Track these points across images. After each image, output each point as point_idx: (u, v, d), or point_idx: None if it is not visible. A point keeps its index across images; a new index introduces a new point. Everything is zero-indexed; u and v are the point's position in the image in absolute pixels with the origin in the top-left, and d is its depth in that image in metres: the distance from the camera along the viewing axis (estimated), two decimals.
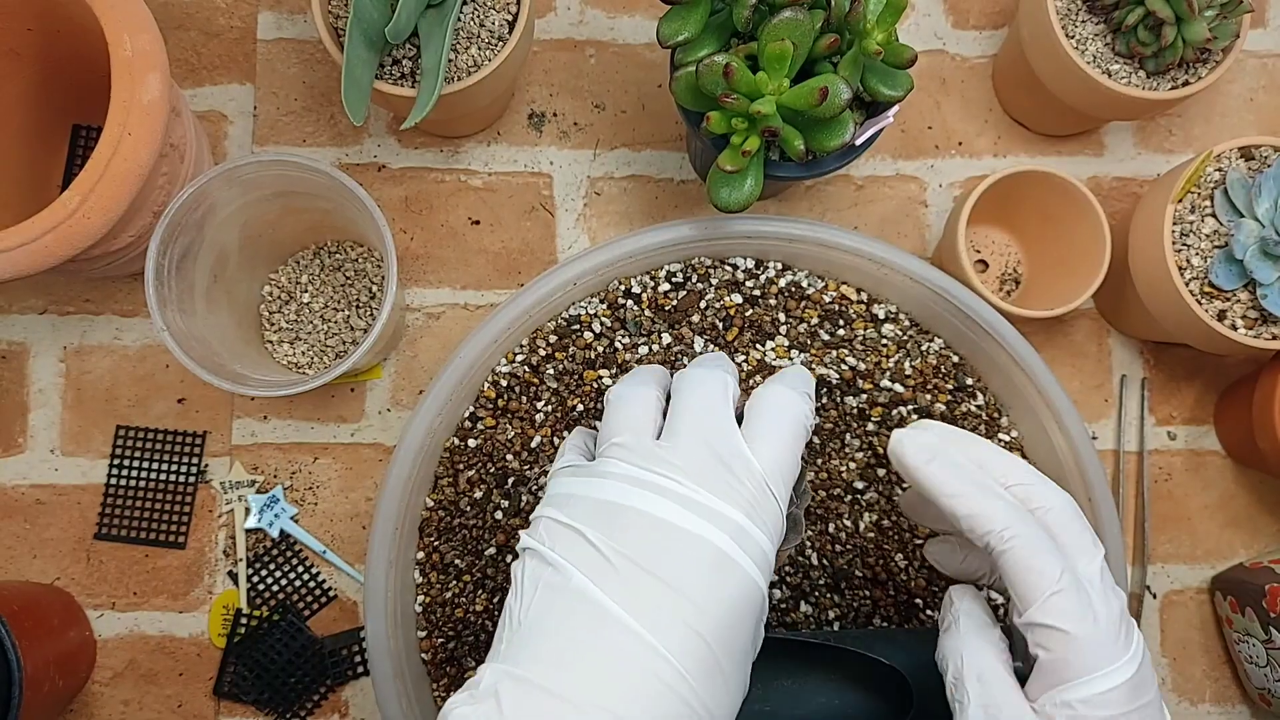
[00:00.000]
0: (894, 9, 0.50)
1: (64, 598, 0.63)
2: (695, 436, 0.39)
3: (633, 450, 0.38)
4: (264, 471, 0.65)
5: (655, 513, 0.36)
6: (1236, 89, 0.70)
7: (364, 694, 0.63)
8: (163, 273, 0.54)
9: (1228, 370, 0.68)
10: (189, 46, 0.69)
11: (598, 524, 0.36)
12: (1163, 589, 0.66)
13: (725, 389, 0.41)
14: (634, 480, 0.37)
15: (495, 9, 0.58)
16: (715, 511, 0.36)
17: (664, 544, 0.36)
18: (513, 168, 0.68)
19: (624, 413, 0.40)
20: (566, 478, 0.39)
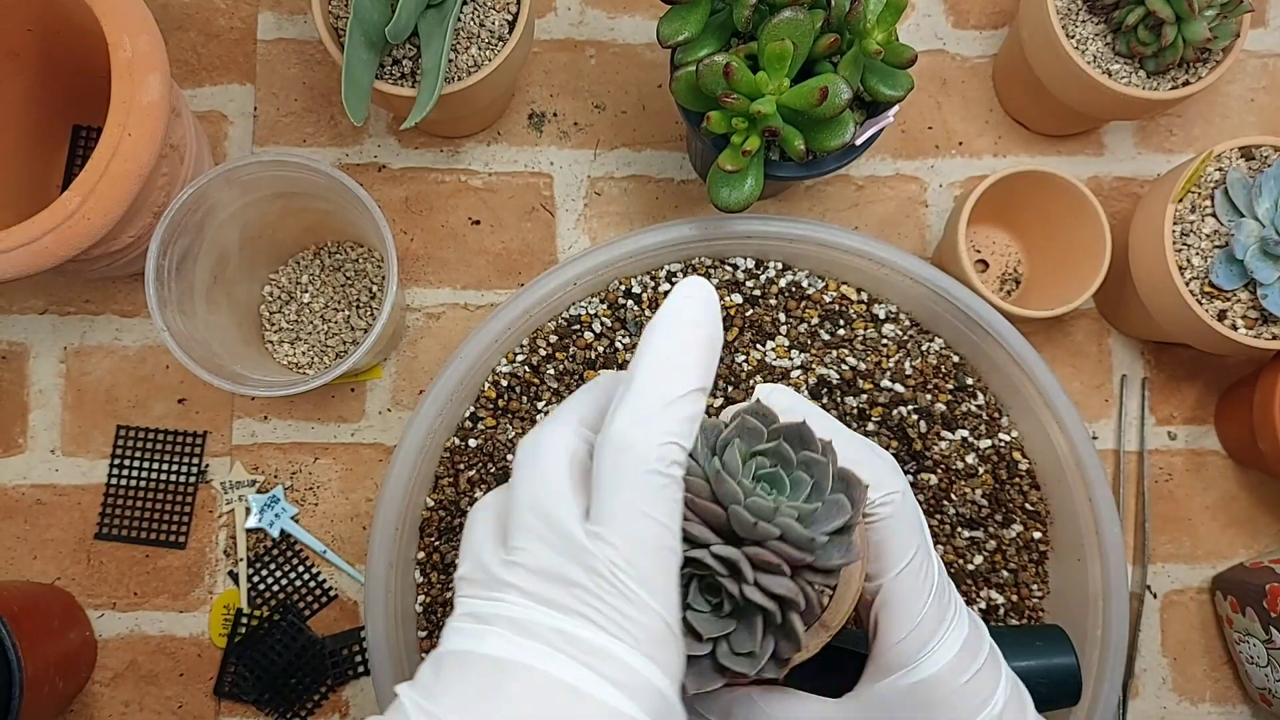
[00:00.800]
0: (894, 9, 0.50)
1: (64, 598, 0.63)
2: (529, 533, 0.29)
3: (472, 582, 0.30)
4: (264, 471, 0.65)
5: (490, 653, 0.28)
6: (1237, 89, 0.70)
7: (364, 694, 0.63)
8: (163, 273, 0.54)
9: (1228, 370, 0.68)
10: (189, 47, 0.69)
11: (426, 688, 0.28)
12: (1163, 589, 0.66)
13: (562, 449, 0.31)
14: (476, 618, 0.29)
15: (495, 9, 0.58)
16: (552, 646, 0.28)
17: (495, 693, 0.27)
18: (513, 168, 0.68)
19: (473, 530, 0.32)
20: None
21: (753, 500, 0.32)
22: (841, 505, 0.34)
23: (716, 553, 0.32)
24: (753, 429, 0.35)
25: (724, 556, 0.32)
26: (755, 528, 0.32)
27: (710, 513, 0.32)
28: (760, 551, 0.32)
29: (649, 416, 0.30)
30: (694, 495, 0.32)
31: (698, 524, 0.32)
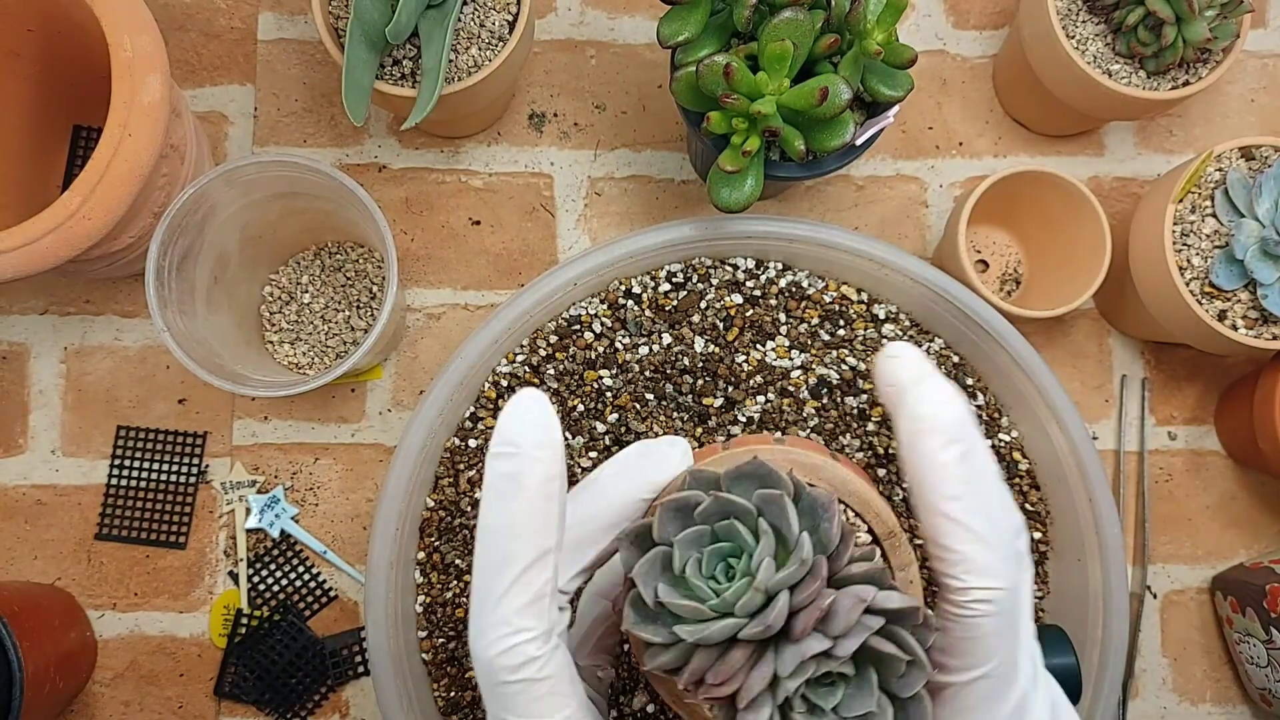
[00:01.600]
0: (894, 9, 0.50)
1: (65, 598, 0.63)
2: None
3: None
4: (265, 472, 0.65)
5: None
6: (1237, 89, 0.70)
7: (365, 694, 0.63)
8: (163, 273, 0.54)
9: (1228, 370, 0.68)
10: (189, 47, 0.69)
11: None
12: (1163, 589, 0.66)
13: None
14: None
15: (495, 9, 0.58)
16: None
17: None
18: (513, 168, 0.68)
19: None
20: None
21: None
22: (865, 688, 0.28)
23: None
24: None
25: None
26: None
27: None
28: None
29: (483, 624, 0.29)
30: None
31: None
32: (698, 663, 0.28)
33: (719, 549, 0.29)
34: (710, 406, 0.58)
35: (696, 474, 0.30)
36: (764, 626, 0.27)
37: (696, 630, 0.27)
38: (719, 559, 0.29)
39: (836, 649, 0.27)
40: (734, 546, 0.29)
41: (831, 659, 0.28)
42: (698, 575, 0.28)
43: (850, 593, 0.28)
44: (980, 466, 0.30)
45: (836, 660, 0.27)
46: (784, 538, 0.28)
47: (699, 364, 0.59)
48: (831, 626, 0.27)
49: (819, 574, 0.28)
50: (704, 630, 0.27)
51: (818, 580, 0.28)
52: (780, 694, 0.27)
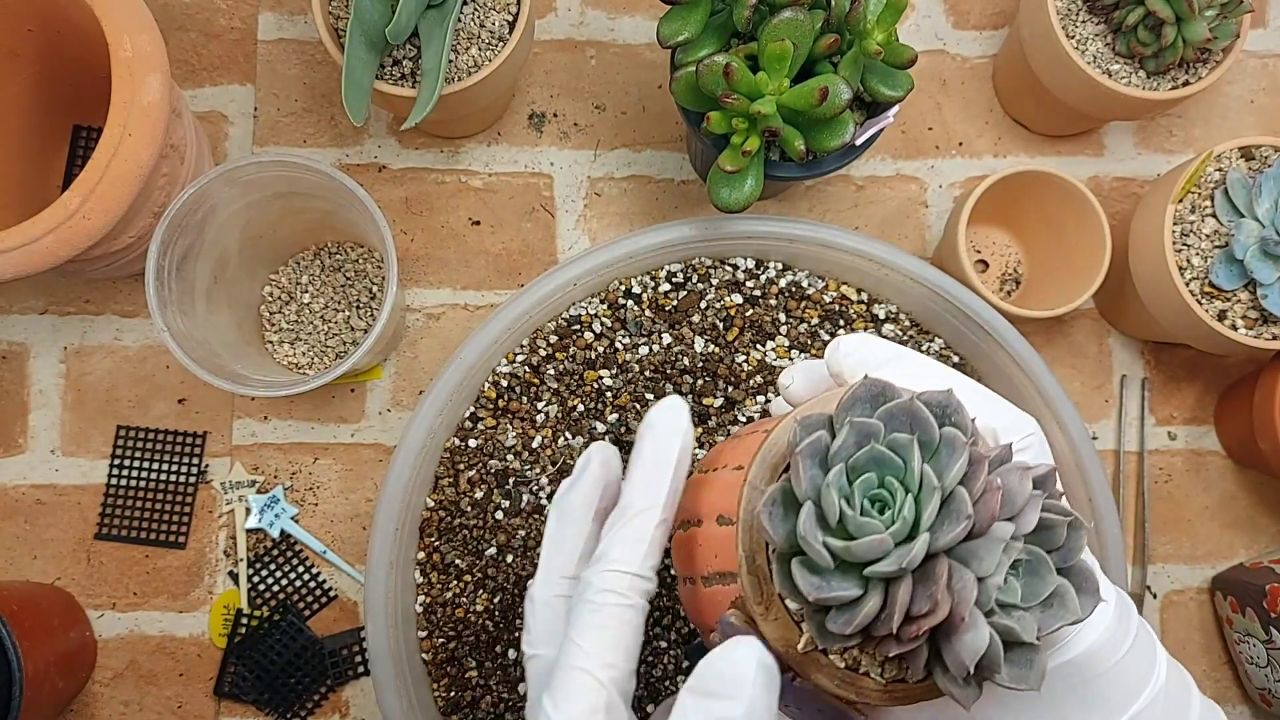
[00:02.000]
0: (894, 9, 0.50)
1: (64, 598, 0.63)
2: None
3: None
4: (264, 472, 0.65)
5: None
6: (1237, 89, 0.70)
7: (364, 694, 0.63)
8: (163, 273, 0.54)
9: (1228, 370, 0.68)
10: (189, 47, 0.69)
11: None
12: (1163, 589, 0.66)
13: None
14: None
15: (495, 9, 0.58)
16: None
17: None
18: (513, 168, 0.68)
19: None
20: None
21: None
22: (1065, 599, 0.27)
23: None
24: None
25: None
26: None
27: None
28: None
29: (554, 552, 0.33)
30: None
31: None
32: (903, 597, 0.25)
33: (867, 480, 0.27)
34: (710, 407, 0.58)
35: (805, 421, 0.28)
36: (965, 521, 0.25)
37: (899, 557, 0.25)
38: (868, 491, 0.27)
39: (1020, 527, 0.26)
40: (881, 476, 0.27)
41: (1015, 542, 0.26)
42: (858, 516, 0.26)
43: (1013, 468, 0.26)
44: (929, 361, 0.33)
45: (1019, 544, 0.26)
46: (926, 443, 0.27)
47: (699, 364, 0.59)
48: (1011, 506, 0.26)
49: (980, 457, 0.26)
50: (908, 553, 0.25)
51: (984, 464, 0.26)
52: (986, 598, 0.26)
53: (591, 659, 0.30)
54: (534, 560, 0.57)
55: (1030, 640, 0.26)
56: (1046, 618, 0.27)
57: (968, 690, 0.26)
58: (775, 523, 0.27)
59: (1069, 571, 0.27)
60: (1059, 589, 0.27)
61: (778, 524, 0.27)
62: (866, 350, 0.33)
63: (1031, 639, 0.26)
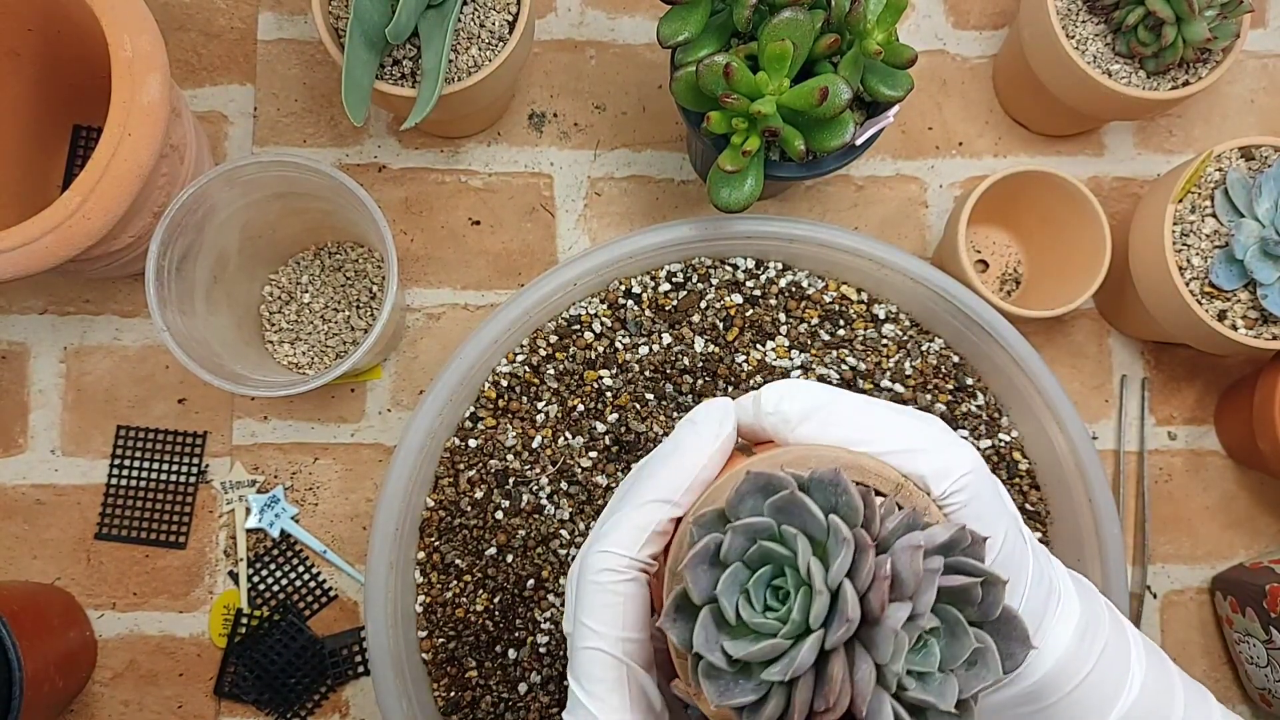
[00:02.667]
0: (894, 9, 0.50)
1: (64, 598, 0.63)
2: None
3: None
4: (264, 472, 0.65)
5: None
6: (1237, 89, 0.70)
7: (364, 694, 0.63)
8: (163, 273, 0.54)
9: (1228, 370, 0.68)
10: (189, 47, 0.69)
11: None
12: (1163, 589, 0.66)
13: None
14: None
15: (495, 9, 0.58)
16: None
17: None
18: (513, 168, 0.68)
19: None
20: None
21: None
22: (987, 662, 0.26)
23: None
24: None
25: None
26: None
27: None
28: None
29: (596, 533, 0.32)
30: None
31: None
32: (801, 696, 0.26)
33: (761, 575, 0.27)
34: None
35: (699, 520, 0.29)
36: (848, 621, 0.25)
37: (787, 663, 0.26)
38: (765, 585, 0.27)
39: (918, 606, 0.26)
40: (775, 568, 0.27)
41: (916, 620, 0.26)
42: (755, 614, 0.27)
43: (903, 546, 0.26)
44: (857, 407, 0.31)
45: (921, 619, 0.26)
46: (812, 535, 0.27)
47: (699, 364, 0.59)
48: (903, 589, 0.26)
49: (866, 546, 0.26)
50: (795, 659, 0.26)
51: (868, 551, 0.26)
52: (890, 681, 0.26)
53: (603, 637, 0.31)
54: (534, 560, 0.57)
55: (948, 709, 0.26)
56: (970, 678, 0.26)
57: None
58: (678, 630, 0.28)
59: (994, 624, 0.27)
60: (977, 650, 0.26)
61: (680, 631, 0.28)
62: (785, 404, 0.32)
63: (949, 707, 0.26)
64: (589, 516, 0.57)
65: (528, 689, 0.56)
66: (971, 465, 0.31)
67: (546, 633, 0.56)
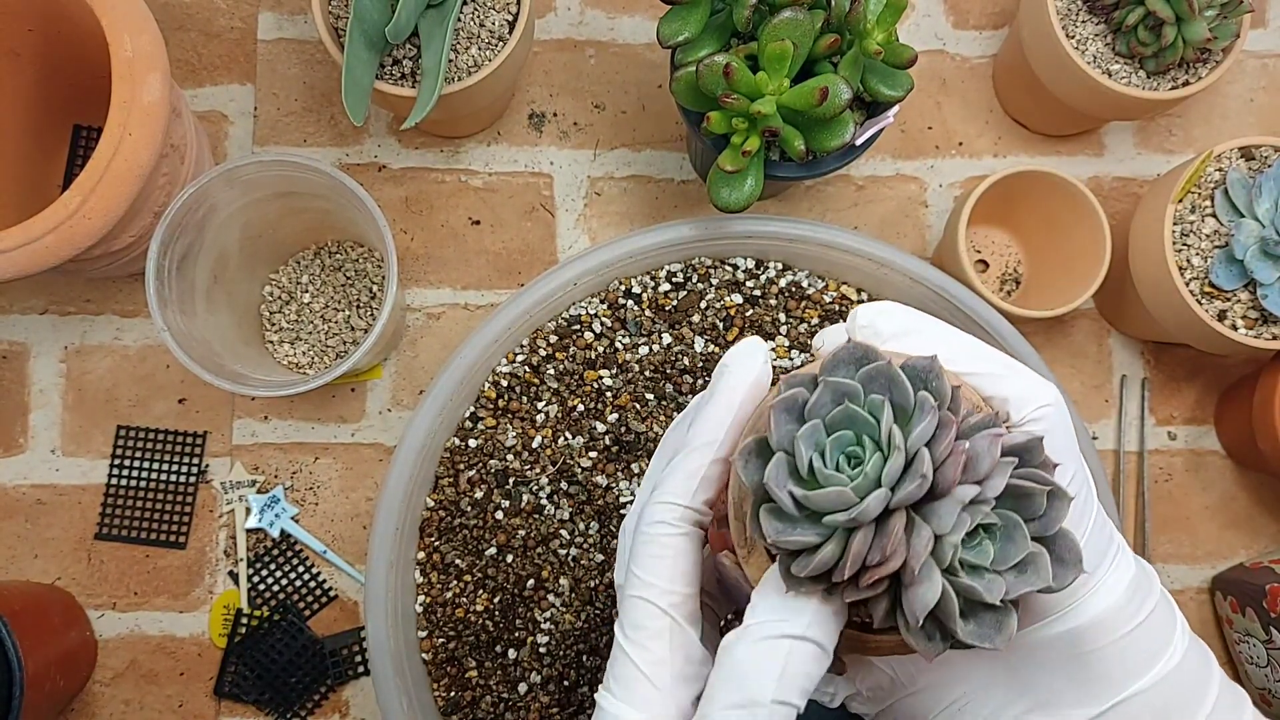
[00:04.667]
0: (894, 9, 0.50)
1: (65, 598, 0.63)
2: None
3: None
4: (264, 471, 0.65)
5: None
6: (1237, 89, 0.70)
7: (365, 694, 0.63)
8: (163, 273, 0.54)
9: (1228, 370, 0.68)
10: (189, 47, 0.69)
11: None
12: None
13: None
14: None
15: (495, 9, 0.58)
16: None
17: None
18: (513, 168, 0.68)
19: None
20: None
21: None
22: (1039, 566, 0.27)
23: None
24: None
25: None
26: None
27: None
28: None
29: (649, 485, 0.33)
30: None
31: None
32: (857, 546, 0.26)
33: (840, 437, 0.28)
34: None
35: (790, 378, 0.29)
36: (919, 479, 0.26)
37: (854, 511, 0.26)
38: (841, 448, 0.28)
39: (986, 491, 0.27)
40: (854, 434, 0.28)
41: (981, 505, 0.27)
42: (827, 466, 0.27)
43: (983, 435, 0.27)
44: (949, 331, 0.32)
45: (986, 506, 0.27)
46: (900, 405, 0.28)
47: (699, 364, 0.59)
48: (976, 470, 0.27)
49: (950, 425, 0.27)
50: (860, 507, 0.26)
51: (951, 428, 0.27)
52: (944, 555, 0.26)
53: (651, 588, 0.31)
54: (534, 560, 0.57)
55: (993, 602, 0.26)
56: (1017, 582, 0.27)
57: (930, 644, 0.27)
58: (749, 471, 0.28)
59: (1050, 540, 0.27)
60: (1030, 555, 0.27)
61: (752, 472, 0.28)
62: (881, 321, 0.32)
63: (994, 600, 0.26)
64: (589, 516, 0.57)
65: (528, 689, 0.56)
66: (1053, 399, 0.31)
67: (546, 633, 0.56)
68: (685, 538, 0.32)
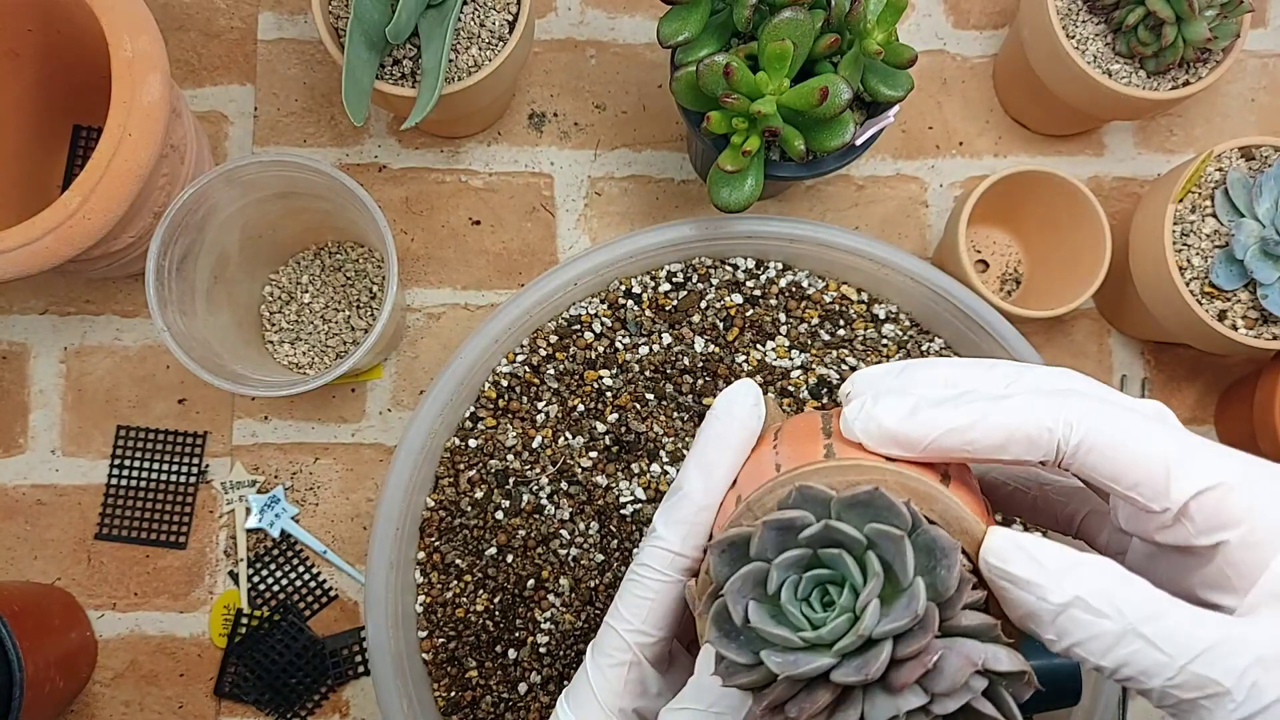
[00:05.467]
0: (894, 9, 0.50)
1: (65, 598, 0.63)
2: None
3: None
4: (265, 472, 0.65)
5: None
6: (1237, 89, 0.70)
7: (365, 694, 0.63)
8: (163, 273, 0.54)
9: (1228, 370, 0.68)
10: (189, 47, 0.69)
11: None
12: None
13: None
14: None
15: (495, 9, 0.58)
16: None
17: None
18: (513, 168, 0.68)
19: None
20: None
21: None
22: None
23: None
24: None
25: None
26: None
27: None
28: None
29: (653, 523, 0.34)
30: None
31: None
32: (780, 692, 0.26)
33: (818, 575, 0.26)
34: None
35: (805, 491, 0.27)
36: (863, 675, 0.24)
37: (786, 662, 0.25)
38: (817, 585, 0.26)
39: (934, 706, 0.25)
40: (837, 575, 0.26)
41: (925, 715, 0.25)
42: (793, 601, 0.26)
43: (962, 651, 0.25)
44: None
45: (929, 717, 0.25)
46: (895, 578, 0.25)
47: (699, 364, 0.59)
48: (935, 683, 0.25)
49: (930, 626, 0.25)
50: (794, 664, 0.25)
51: (929, 634, 0.25)
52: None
53: (626, 623, 0.33)
54: (534, 560, 0.57)
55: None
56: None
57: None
58: (717, 565, 0.28)
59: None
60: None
61: (719, 567, 0.28)
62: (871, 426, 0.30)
63: None
64: (589, 517, 0.57)
65: (528, 689, 0.56)
66: (1073, 418, 0.28)
67: (546, 633, 0.56)
68: (669, 585, 0.33)
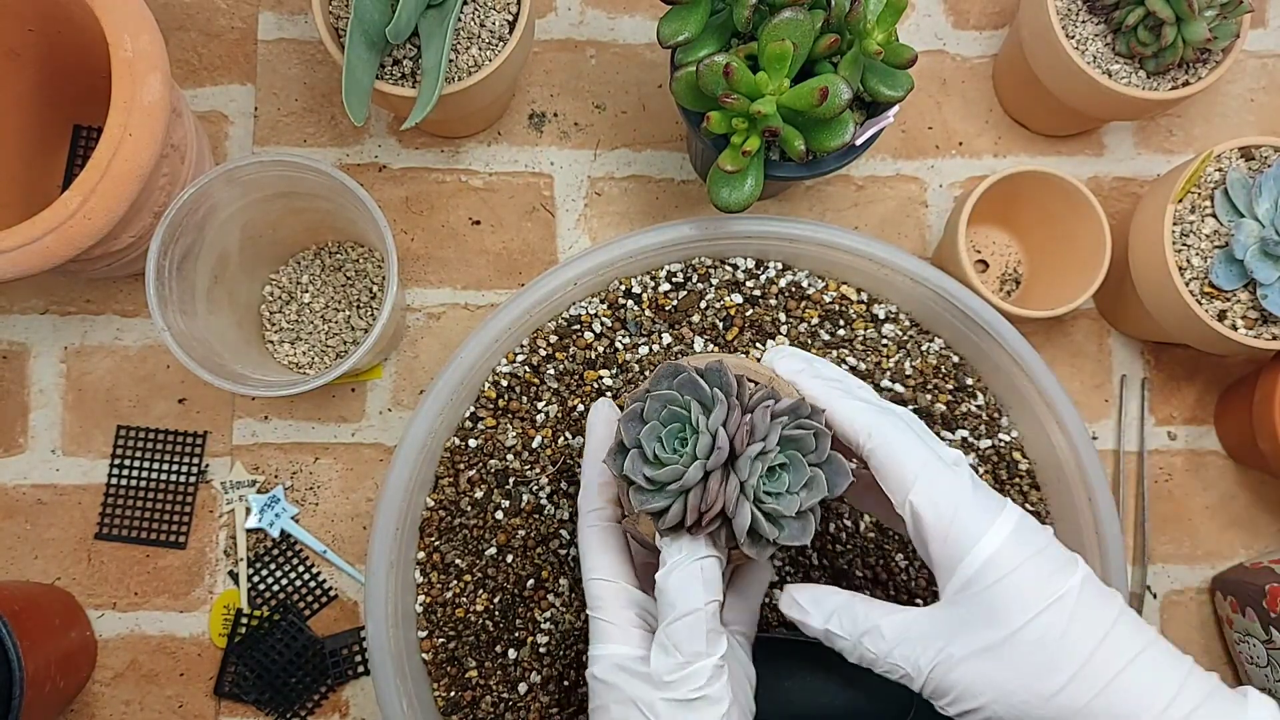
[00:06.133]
0: (894, 9, 0.50)
1: (65, 598, 0.63)
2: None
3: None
4: (265, 471, 0.65)
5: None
6: (1236, 89, 0.70)
7: (364, 694, 0.63)
8: (163, 273, 0.54)
9: (1228, 370, 0.68)
10: (189, 47, 0.69)
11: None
12: (1163, 589, 0.66)
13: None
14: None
15: (496, 9, 0.58)
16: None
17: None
18: (513, 168, 0.68)
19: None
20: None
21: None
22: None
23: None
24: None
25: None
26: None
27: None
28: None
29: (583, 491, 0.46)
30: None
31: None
32: (692, 501, 0.38)
33: (669, 430, 0.39)
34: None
35: (632, 394, 0.41)
36: (719, 450, 0.38)
37: (682, 480, 0.38)
38: (674, 435, 0.39)
39: (767, 444, 0.38)
40: (679, 424, 0.39)
41: (767, 454, 0.39)
42: (663, 450, 0.39)
43: (760, 408, 0.39)
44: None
45: (771, 453, 0.39)
46: (704, 400, 0.39)
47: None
48: (757, 433, 0.38)
49: (734, 406, 0.39)
50: (686, 476, 0.38)
51: (736, 410, 0.39)
52: (750, 492, 0.38)
53: (596, 570, 0.43)
54: (534, 560, 0.57)
55: (791, 514, 0.39)
56: (809, 497, 0.39)
57: (757, 549, 0.39)
58: (615, 465, 0.40)
59: (825, 464, 0.40)
60: (812, 476, 0.39)
61: (616, 466, 0.40)
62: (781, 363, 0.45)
63: (792, 513, 0.39)
64: None
65: (528, 689, 0.56)
66: (871, 424, 0.41)
67: (546, 633, 0.56)
68: (605, 529, 0.44)
